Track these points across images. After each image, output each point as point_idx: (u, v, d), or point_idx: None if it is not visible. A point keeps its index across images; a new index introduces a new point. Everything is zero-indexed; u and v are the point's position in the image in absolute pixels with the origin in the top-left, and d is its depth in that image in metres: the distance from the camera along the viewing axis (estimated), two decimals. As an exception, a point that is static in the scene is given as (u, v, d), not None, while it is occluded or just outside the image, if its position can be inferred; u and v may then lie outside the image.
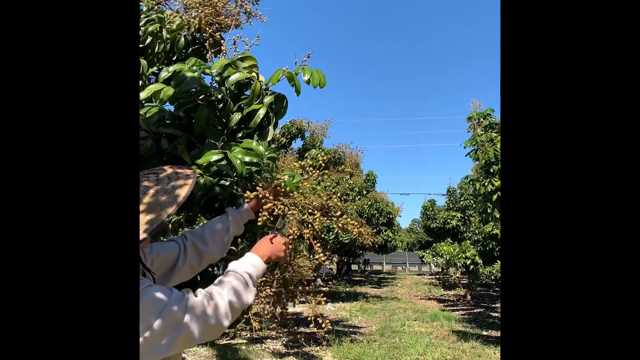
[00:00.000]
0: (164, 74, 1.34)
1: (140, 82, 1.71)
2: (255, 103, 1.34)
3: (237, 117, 1.32)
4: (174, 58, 1.78)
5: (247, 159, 1.23)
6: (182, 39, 1.73)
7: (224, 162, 1.20)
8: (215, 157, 1.21)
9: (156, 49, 1.71)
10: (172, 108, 1.34)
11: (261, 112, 1.32)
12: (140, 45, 1.68)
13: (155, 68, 1.78)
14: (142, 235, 0.81)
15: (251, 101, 1.33)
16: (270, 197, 1.15)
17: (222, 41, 1.71)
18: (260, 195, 1.15)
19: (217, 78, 1.32)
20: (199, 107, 1.23)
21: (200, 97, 1.27)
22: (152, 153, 1.20)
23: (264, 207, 1.14)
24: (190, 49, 1.77)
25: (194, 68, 1.35)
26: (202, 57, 1.80)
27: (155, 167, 1.04)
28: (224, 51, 1.52)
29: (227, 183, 1.21)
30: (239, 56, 1.39)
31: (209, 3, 1.52)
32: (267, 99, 1.37)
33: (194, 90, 1.27)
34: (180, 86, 1.27)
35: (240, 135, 1.36)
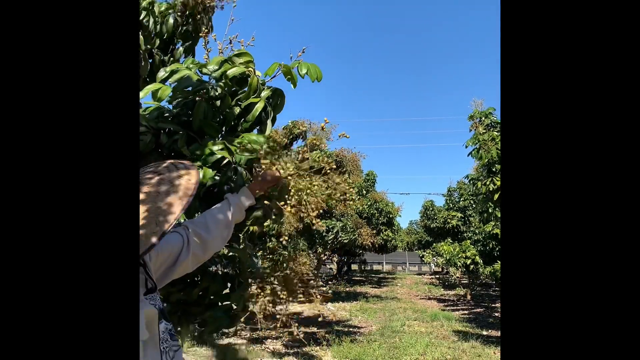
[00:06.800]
0: (162, 74, 1.36)
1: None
2: (253, 97, 1.35)
3: (235, 110, 1.34)
4: (165, 37, 1.95)
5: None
6: (171, 18, 1.95)
7: (224, 151, 1.21)
8: (216, 147, 1.22)
9: (150, 26, 1.85)
10: (170, 107, 1.35)
11: (259, 106, 1.33)
12: None
13: (144, 48, 1.89)
14: (153, 240, 0.76)
15: (248, 95, 1.35)
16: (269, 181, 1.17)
17: (210, 24, 1.90)
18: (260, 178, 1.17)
19: (214, 74, 1.34)
20: (197, 103, 1.24)
21: (198, 94, 1.29)
22: (151, 148, 1.21)
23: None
24: (180, 29, 1.95)
25: (191, 66, 1.37)
26: (192, 40, 1.99)
27: (152, 165, 1.01)
28: (220, 48, 1.54)
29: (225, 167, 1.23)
30: (234, 53, 1.42)
31: None
32: (265, 93, 1.39)
33: (191, 87, 1.27)
34: (177, 84, 1.29)
35: (239, 129, 1.37)
